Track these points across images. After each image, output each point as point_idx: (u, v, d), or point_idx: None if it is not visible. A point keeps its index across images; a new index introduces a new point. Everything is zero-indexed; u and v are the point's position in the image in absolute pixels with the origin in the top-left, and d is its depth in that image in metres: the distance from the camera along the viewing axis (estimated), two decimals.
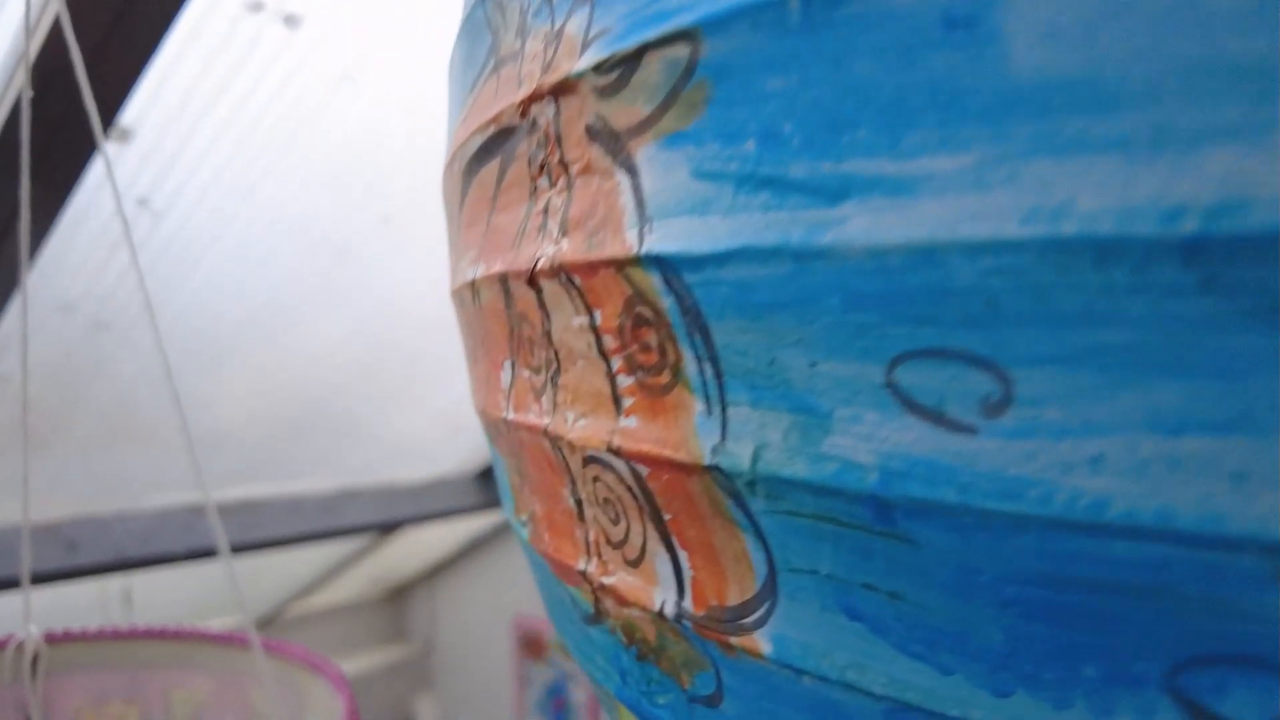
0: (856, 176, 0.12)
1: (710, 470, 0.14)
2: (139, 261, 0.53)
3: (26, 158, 0.48)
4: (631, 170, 0.15)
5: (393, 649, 2.06)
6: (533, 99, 0.17)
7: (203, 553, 1.20)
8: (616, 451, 0.16)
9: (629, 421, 0.16)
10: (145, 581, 1.20)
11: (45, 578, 1.05)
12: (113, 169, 0.50)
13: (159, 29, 0.60)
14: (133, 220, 0.85)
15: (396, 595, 2.11)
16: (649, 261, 0.14)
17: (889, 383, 0.12)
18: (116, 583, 1.21)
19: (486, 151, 0.19)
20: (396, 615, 2.12)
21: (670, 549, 0.16)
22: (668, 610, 0.16)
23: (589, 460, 0.17)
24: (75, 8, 0.48)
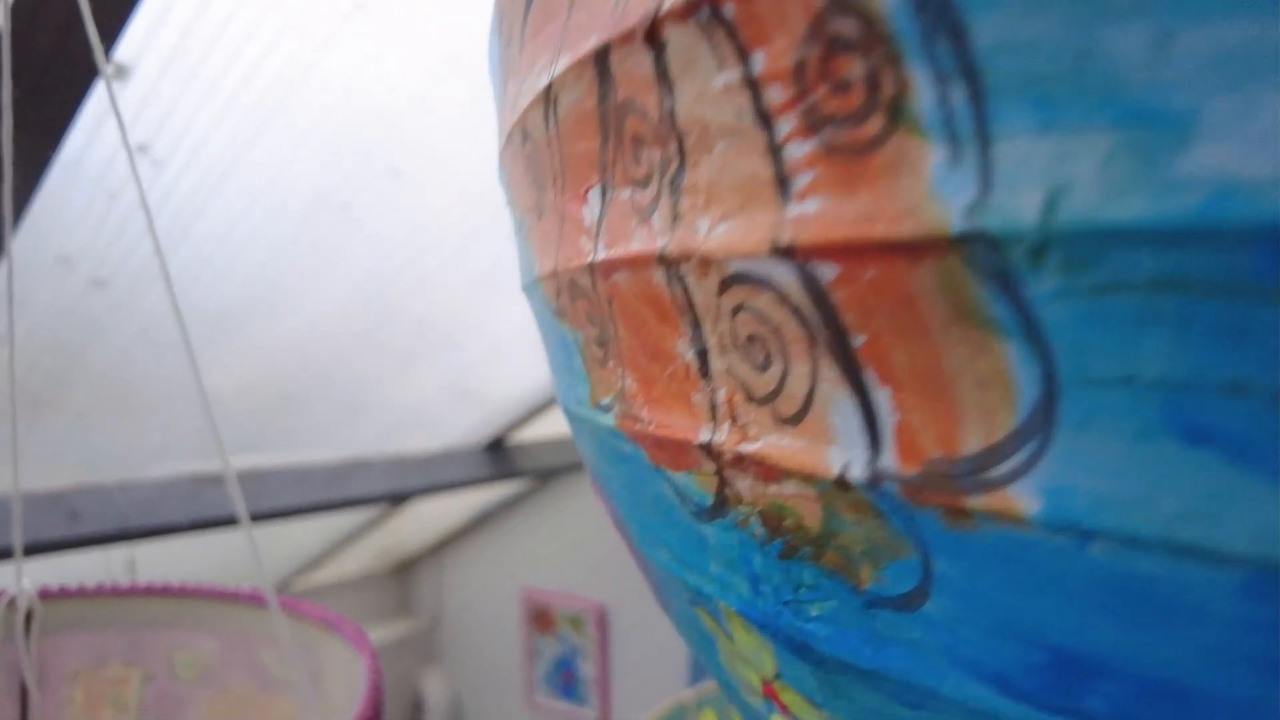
0: None
1: (962, 243, 0.09)
2: (146, 202, 0.48)
3: (8, 94, 0.43)
4: None
5: (400, 623, 2.02)
6: None
7: (207, 523, 1.16)
8: (787, 251, 0.11)
9: (806, 206, 0.11)
10: (148, 552, 1.15)
11: (47, 547, 1.01)
12: (115, 97, 0.45)
13: None
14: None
15: (404, 569, 2.07)
16: None
17: None
18: (120, 553, 1.16)
19: None
20: (404, 589, 2.08)
21: (858, 389, 0.11)
22: (854, 474, 0.11)
23: (731, 282, 0.12)
24: None
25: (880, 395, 0.11)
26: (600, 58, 0.14)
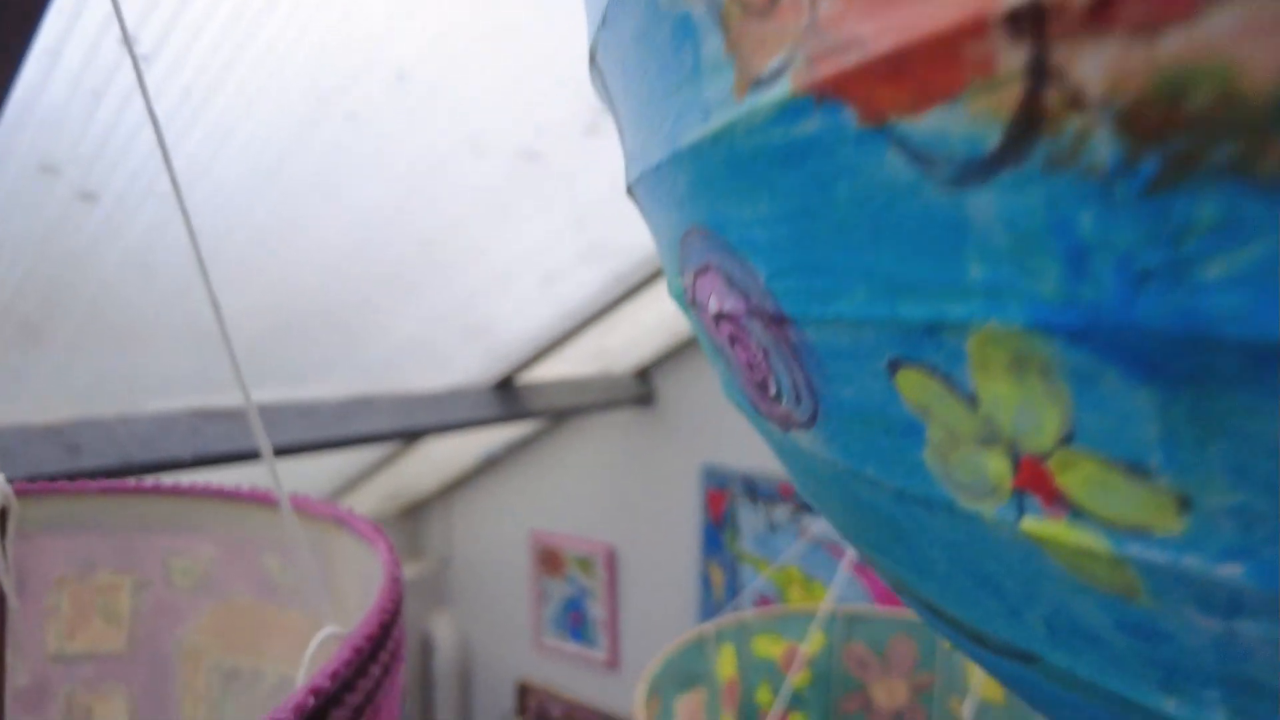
0: None
1: None
2: (151, 107, 0.41)
3: None
4: None
5: (409, 566, 1.99)
6: None
7: (211, 458, 1.10)
8: None
9: None
10: None
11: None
12: None
13: None
14: (116, 63, 0.73)
15: (412, 512, 2.03)
16: None
17: None
18: None
19: None
20: (412, 532, 2.04)
21: None
22: None
23: None
24: None
25: None
26: None
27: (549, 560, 1.80)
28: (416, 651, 1.98)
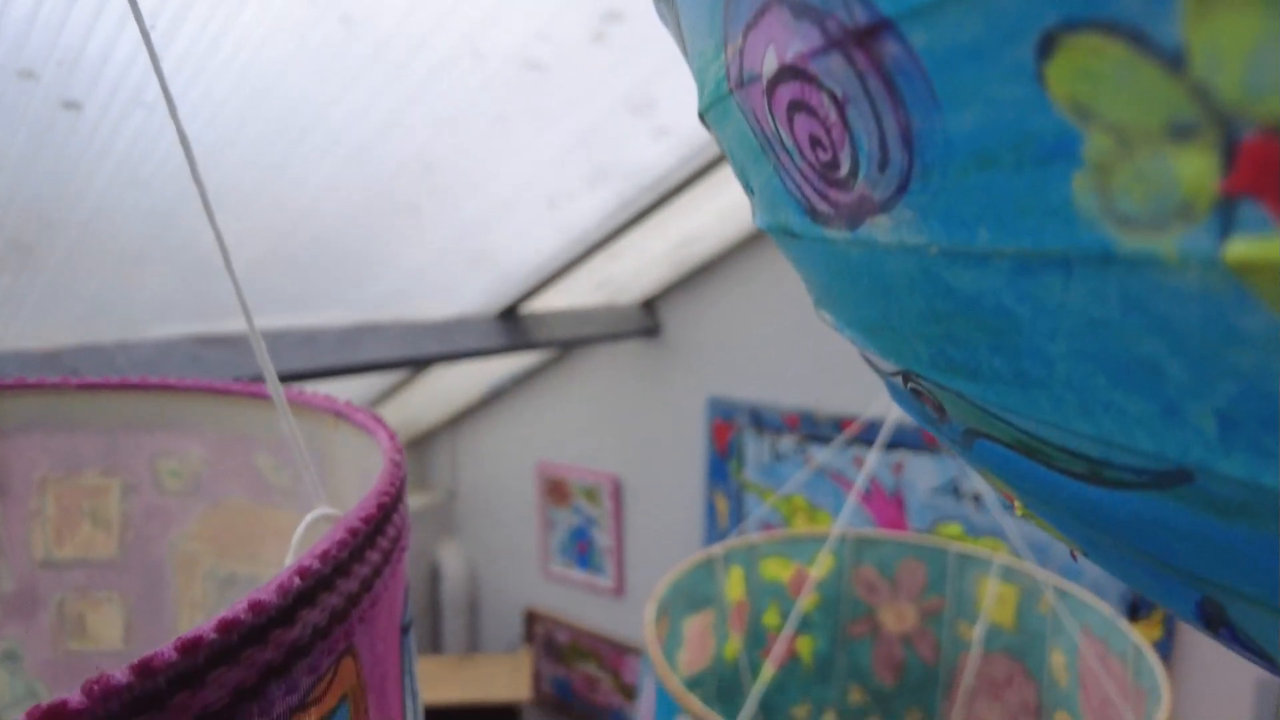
0: None
1: None
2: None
3: None
4: None
5: (417, 496, 1.98)
6: None
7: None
8: None
9: None
10: None
11: None
12: None
13: None
14: None
15: (419, 444, 2.02)
16: None
17: None
18: None
19: None
20: (419, 464, 2.03)
21: None
22: None
23: None
24: None
25: None
26: None
27: (555, 490, 1.79)
28: (426, 580, 1.98)
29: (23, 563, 0.39)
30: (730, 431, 1.58)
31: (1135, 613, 1.27)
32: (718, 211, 1.40)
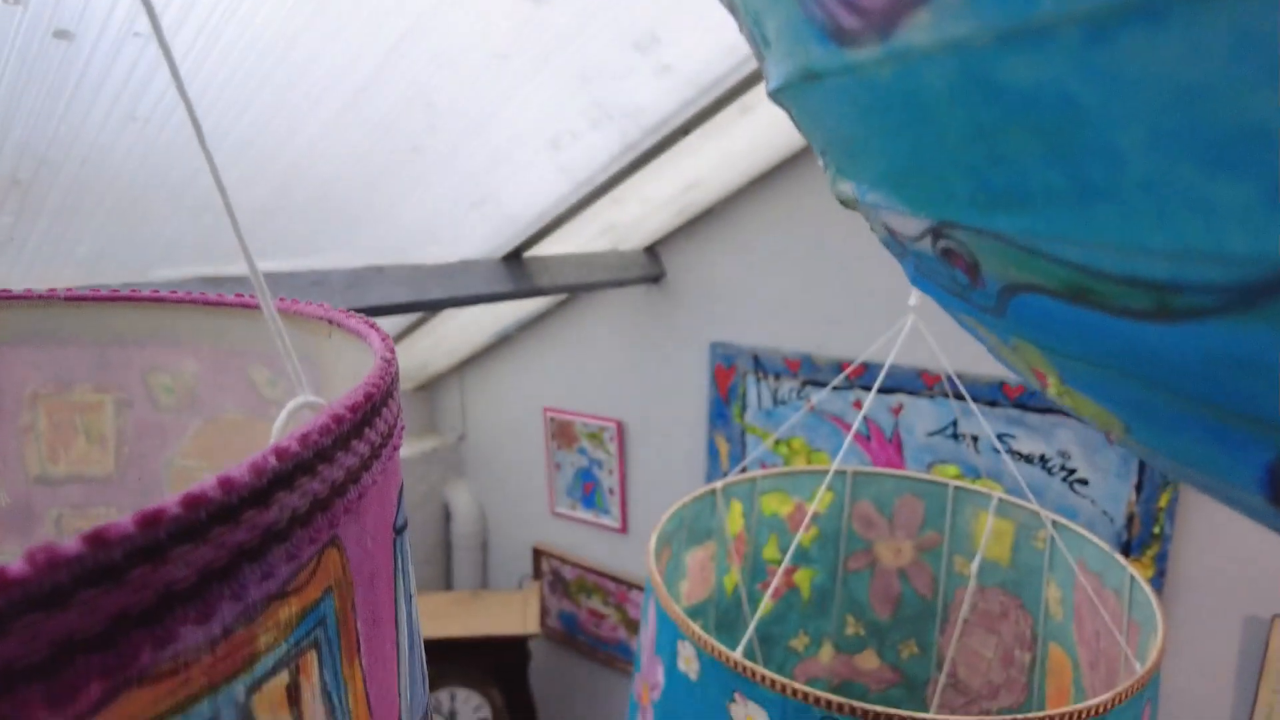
0: None
1: None
2: None
3: None
4: None
5: (426, 439, 1.98)
6: None
7: None
8: None
9: None
10: None
11: None
12: None
13: None
14: None
15: (427, 389, 2.01)
16: None
17: None
18: None
19: None
20: (428, 408, 2.02)
21: None
22: None
23: None
24: None
25: None
26: None
27: (562, 433, 1.79)
28: (437, 519, 1.99)
29: (17, 479, 0.38)
30: (732, 376, 1.56)
31: (1127, 553, 1.27)
32: (721, 156, 1.36)
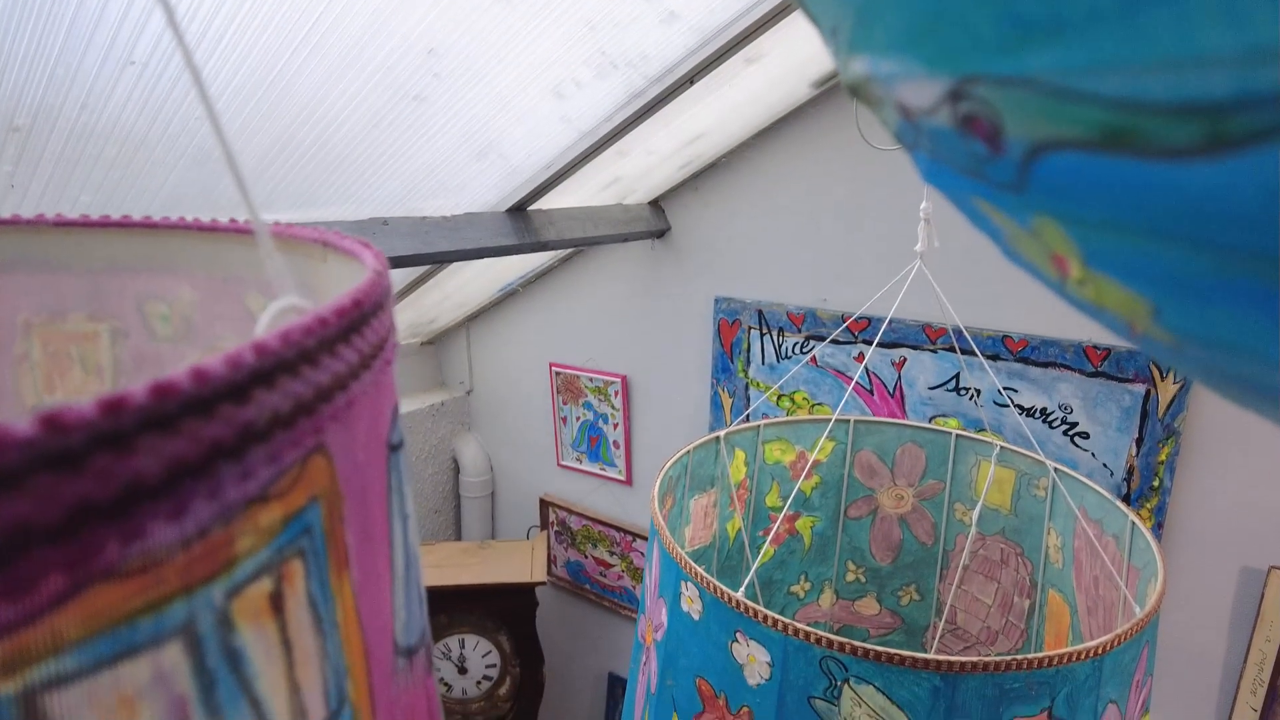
0: None
1: None
2: None
3: None
4: None
5: (434, 394, 1.98)
6: None
7: None
8: None
9: None
10: None
11: None
12: None
13: None
14: None
15: (434, 344, 2.00)
16: None
17: None
18: None
19: None
20: (435, 363, 2.02)
21: None
22: None
23: None
24: None
25: None
26: None
27: (568, 387, 1.78)
28: (448, 470, 2.00)
29: (13, 408, 0.37)
30: (736, 330, 1.55)
31: (1126, 504, 1.27)
32: (726, 107, 1.32)
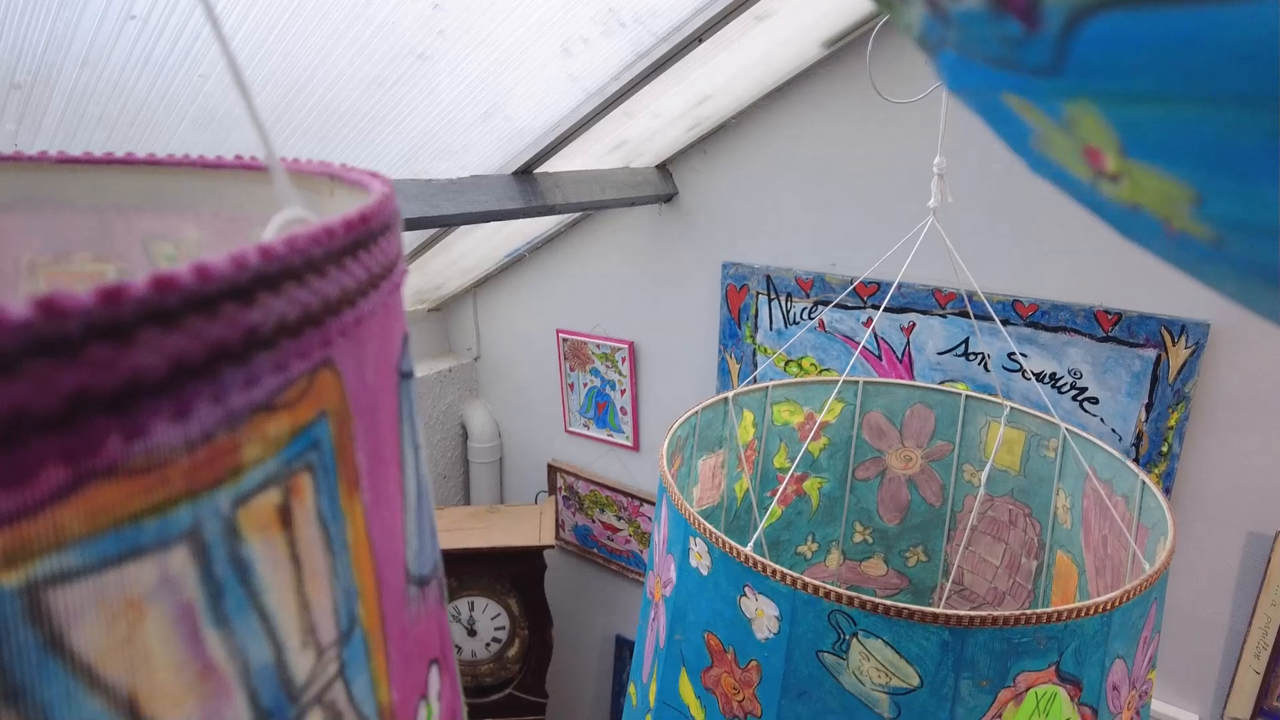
0: None
1: None
2: None
3: None
4: None
5: (441, 360, 1.98)
6: None
7: None
8: None
9: None
10: None
11: None
12: None
13: None
14: None
15: (440, 310, 2.00)
16: None
17: None
18: None
19: None
20: (442, 330, 2.02)
21: None
22: None
23: None
24: None
25: None
26: None
27: (575, 354, 1.77)
28: (456, 436, 2.01)
29: None
30: (744, 296, 1.54)
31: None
32: (734, 68, 1.30)
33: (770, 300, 1.52)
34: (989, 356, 1.37)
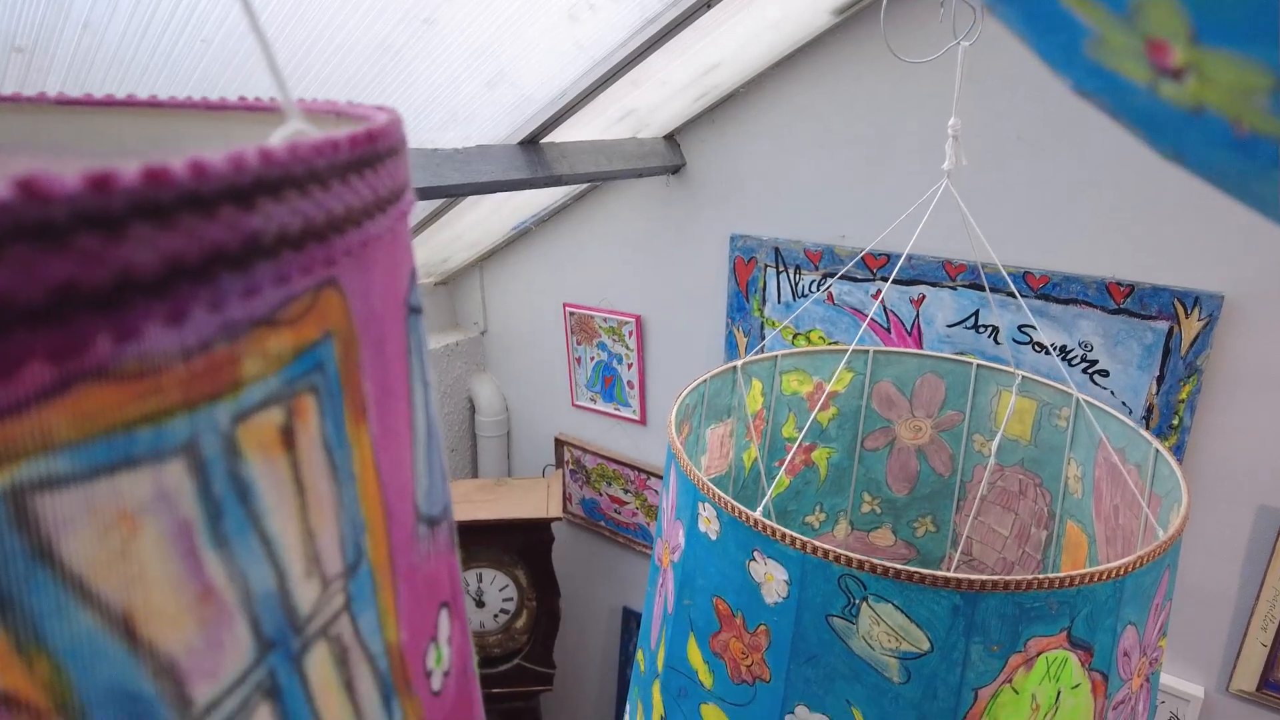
0: None
1: None
2: None
3: None
4: None
5: (448, 334, 1.97)
6: None
7: None
8: None
9: None
10: None
11: None
12: None
13: None
14: None
15: (447, 284, 1.99)
16: None
17: None
18: None
19: None
20: (448, 304, 2.01)
21: None
22: None
23: None
24: None
25: None
26: None
27: (581, 328, 1.76)
28: (463, 410, 2.01)
29: None
30: (752, 269, 1.52)
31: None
32: (742, 35, 1.28)
33: (779, 273, 1.50)
34: (999, 329, 1.35)
